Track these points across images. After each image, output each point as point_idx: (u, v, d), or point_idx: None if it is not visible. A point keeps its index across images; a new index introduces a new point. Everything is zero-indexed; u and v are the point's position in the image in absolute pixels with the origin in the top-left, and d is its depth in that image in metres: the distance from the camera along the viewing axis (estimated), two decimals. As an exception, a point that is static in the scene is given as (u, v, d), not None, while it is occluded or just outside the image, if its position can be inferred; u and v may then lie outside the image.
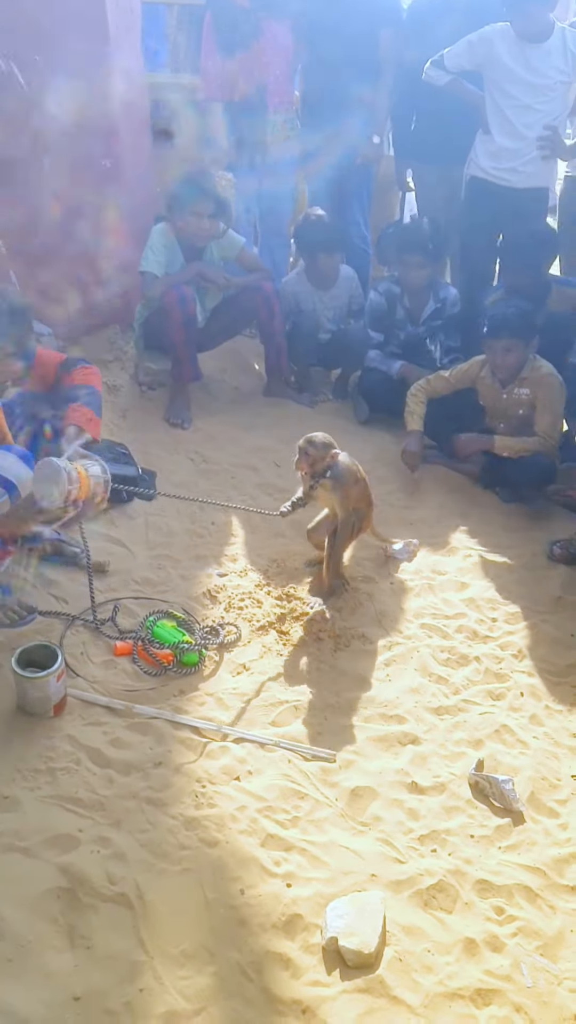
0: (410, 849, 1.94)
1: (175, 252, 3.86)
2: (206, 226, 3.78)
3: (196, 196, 3.71)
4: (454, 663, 2.58)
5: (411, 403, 3.67)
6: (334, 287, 4.26)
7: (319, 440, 2.66)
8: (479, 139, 3.99)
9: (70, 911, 1.70)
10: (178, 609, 2.64)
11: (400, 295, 4.10)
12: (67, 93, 3.69)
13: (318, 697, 2.37)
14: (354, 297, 4.32)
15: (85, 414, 2.54)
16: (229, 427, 3.95)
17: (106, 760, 2.06)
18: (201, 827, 1.92)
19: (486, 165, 3.98)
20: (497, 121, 3.88)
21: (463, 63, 3.86)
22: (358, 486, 2.76)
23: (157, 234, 3.83)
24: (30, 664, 2.13)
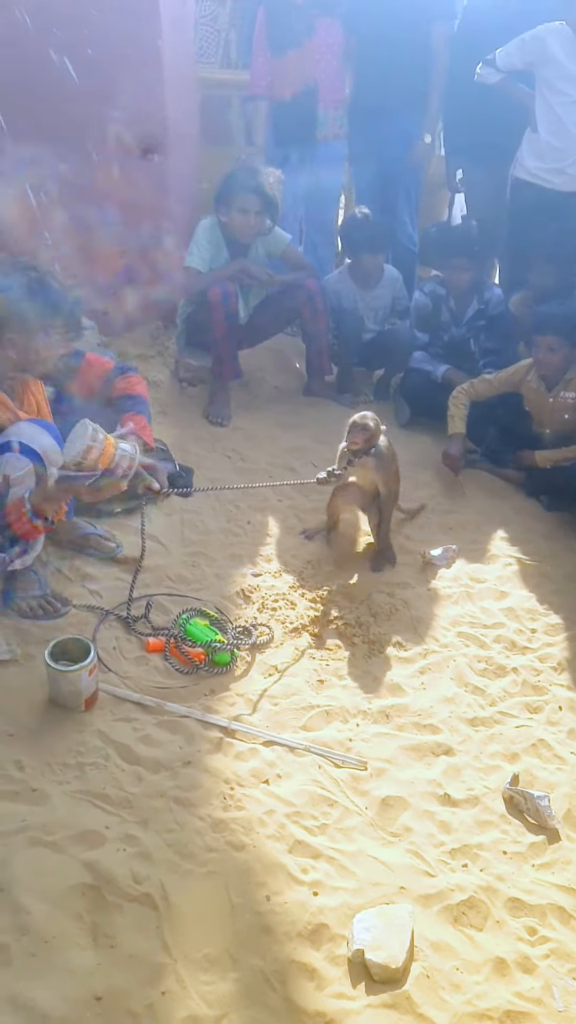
0: (440, 863, 1.90)
1: (220, 248, 3.84)
2: (252, 223, 3.76)
3: (243, 193, 3.69)
4: (491, 673, 2.52)
5: (453, 407, 3.61)
6: (377, 287, 4.22)
7: (373, 418, 2.83)
8: (526, 138, 3.93)
9: (95, 909, 1.68)
10: (211, 608, 2.62)
11: (445, 296, 4.05)
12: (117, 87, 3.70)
13: (350, 703, 2.33)
14: (398, 299, 4.28)
15: (139, 422, 2.57)
16: (268, 426, 3.93)
17: (135, 757, 2.04)
18: (228, 830, 1.89)
19: (531, 166, 3.91)
20: (545, 118, 3.82)
21: (515, 62, 3.82)
22: (395, 463, 2.95)
23: (203, 230, 3.82)
24: (63, 657, 2.12)
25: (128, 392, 2.63)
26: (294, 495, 3.34)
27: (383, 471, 2.86)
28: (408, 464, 3.68)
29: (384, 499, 2.92)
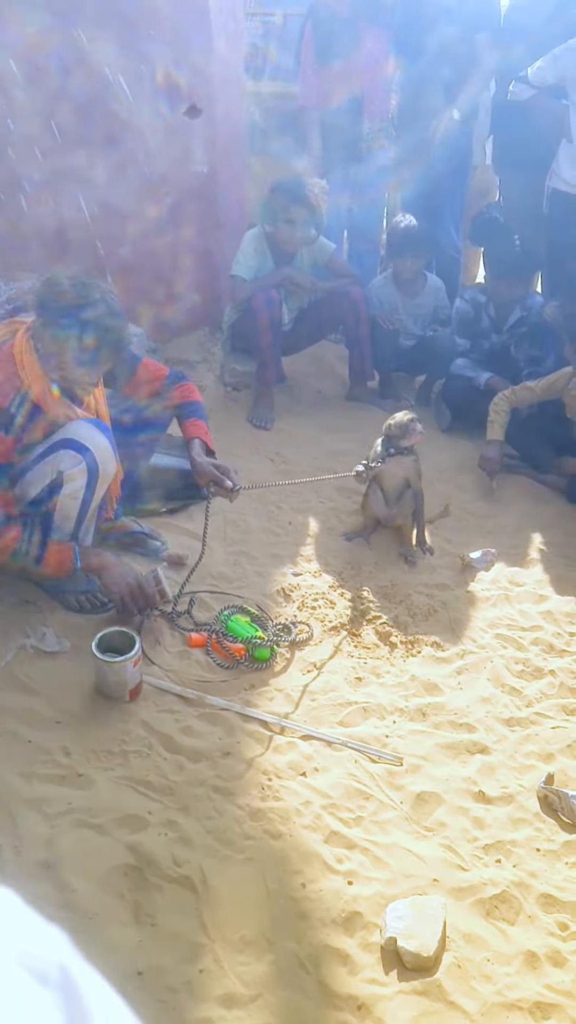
0: (474, 857, 1.93)
1: (266, 257, 3.92)
2: (298, 233, 3.83)
3: (289, 203, 3.76)
4: (528, 675, 2.54)
5: (494, 413, 3.63)
6: (420, 295, 4.25)
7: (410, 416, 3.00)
8: (562, 148, 3.95)
9: (137, 889, 1.75)
10: (252, 605, 2.69)
11: (485, 303, 4.08)
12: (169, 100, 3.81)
13: (387, 700, 2.37)
14: (440, 308, 4.29)
15: (203, 428, 2.71)
16: (310, 429, 3.99)
17: (177, 747, 2.11)
18: (266, 819, 1.95)
19: (568, 176, 3.92)
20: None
21: (547, 76, 3.85)
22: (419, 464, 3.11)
23: (249, 239, 3.91)
24: (109, 649, 2.20)
25: (188, 399, 2.73)
26: (336, 497, 3.39)
27: (413, 468, 3.03)
28: (449, 469, 3.72)
29: (418, 493, 3.06)
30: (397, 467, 2.99)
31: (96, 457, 2.35)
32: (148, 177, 3.88)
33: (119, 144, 3.73)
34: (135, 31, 3.64)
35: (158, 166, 3.90)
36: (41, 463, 2.34)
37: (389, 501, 3.05)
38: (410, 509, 3.05)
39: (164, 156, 3.90)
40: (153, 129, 3.81)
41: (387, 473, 3.01)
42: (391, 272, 4.28)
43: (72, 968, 0.38)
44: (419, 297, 4.25)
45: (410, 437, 2.97)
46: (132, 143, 3.77)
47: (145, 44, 3.67)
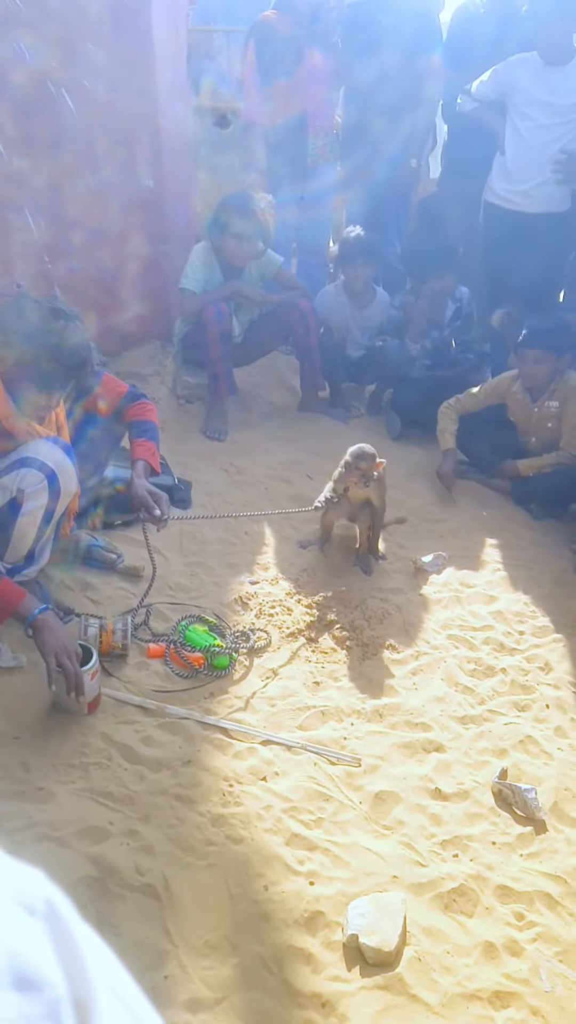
0: (432, 853, 1.98)
1: (214, 270, 3.96)
2: (246, 248, 3.88)
3: (236, 218, 3.81)
4: (480, 674, 2.61)
5: (443, 421, 3.72)
6: (369, 307, 4.31)
7: (369, 452, 2.92)
8: (496, 161, 4.07)
9: (100, 899, 1.76)
10: (210, 614, 2.71)
11: (416, 303, 4.19)
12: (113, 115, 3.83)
13: (345, 703, 2.41)
14: (389, 321, 4.35)
15: (150, 449, 2.70)
16: (264, 440, 4.03)
17: (137, 757, 2.12)
18: (227, 824, 1.97)
19: (499, 188, 4.05)
20: (513, 143, 3.95)
21: (488, 91, 3.97)
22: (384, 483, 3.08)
23: (197, 253, 3.94)
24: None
25: (140, 418, 2.74)
26: (290, 505, 3.42)
27: (377, 489, 3.02)
28: (400, 475, 3.78)
29: (378, 509, 3.06)
30: (359, 490, 2.98)
31: (58, 476, 2.35)
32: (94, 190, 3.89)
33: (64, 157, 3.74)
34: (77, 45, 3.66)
35: (104, 179, 3.91)
36: (1, 480, 2.34)
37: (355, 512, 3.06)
38: (367, 523, 3.06)
39: (110, 170, 3.92)
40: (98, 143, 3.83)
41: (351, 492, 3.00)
42: (342, 282, 4.35)
43: (57, 902, 0.43)
44: (368, 309, 4.32)
45: (346, 476, 2.93)
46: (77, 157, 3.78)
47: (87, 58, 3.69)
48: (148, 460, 2.68)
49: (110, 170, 3.93)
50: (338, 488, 2.98)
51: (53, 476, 2.33)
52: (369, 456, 2.92)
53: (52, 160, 3.72)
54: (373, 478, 2.95)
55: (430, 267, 4.11)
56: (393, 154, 4.41)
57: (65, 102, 3.64)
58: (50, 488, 2.34)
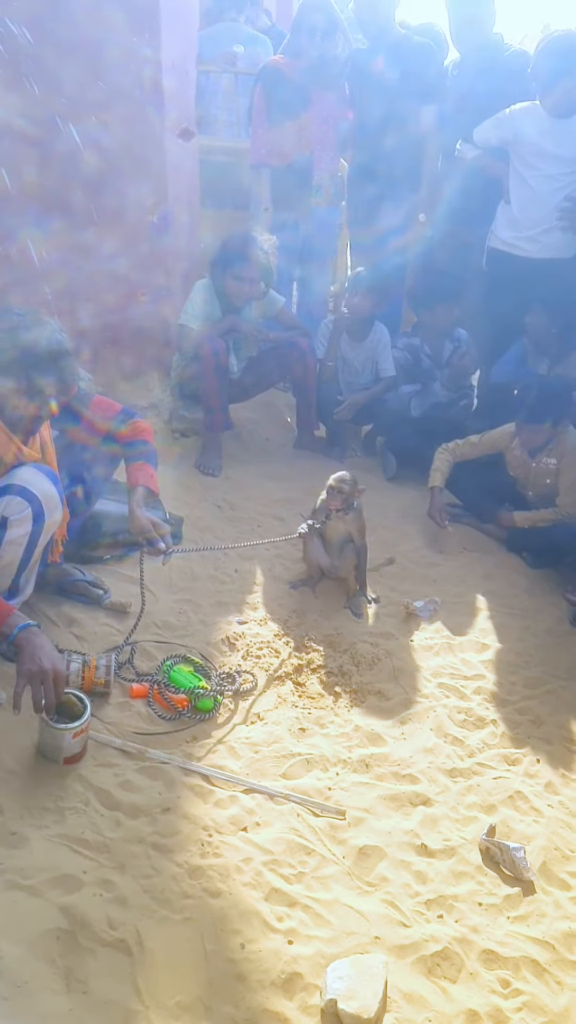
0: (416, 913, 1.91)
1: (214, 308, 3.97)
2: (247, 289, 3.90)
3: (239, 260, 3.84)
4: (471, 725, 2.55)
5: (437, 461, 3.70)
6: (366, 340, 4.31)
7: (350, 478, 3.00)
8: (500, 210, 4.10)
9: (69, 953, 1.68)
10: (196, 654, 2.66)
11: (420, 344, 4.23)
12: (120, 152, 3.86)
13: (331, 752, 2.35)
14: (380, 359, 4.32)
15: (148, 472, 2.68)
16: (258, 477, 4.00)
17: (115, 802, 2.05)
18: (205, 876, 1.90)
19: (505, 235, 4.08)
20: (519, 190, 3.98)
21: (490, 138, 4.02)
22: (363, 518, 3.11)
23: (198, 289, 3.96)
24: (61, 711, 2.13)
25: (137, 438, 2.72)
26: (281, 545, 3.38)
27: (355, 524, 3.05)
28: (393, 517, 3.76)
29: (362, 548, 3.08)
30: (339, 522, 3.02)
31: (42, 503, 2.32)
32: (98, 224, 3.91)
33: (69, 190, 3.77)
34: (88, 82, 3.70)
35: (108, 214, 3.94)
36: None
37: (332, 553, 3.07)
38: (352, 563, 3.07)
39: (114, 205, 3.95)
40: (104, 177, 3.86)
41: (330, 527, 3.03)
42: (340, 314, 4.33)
43: None
44: (365, 341, 4.31)
45: (328, 499, 2.99)
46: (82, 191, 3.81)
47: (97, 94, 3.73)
48: (147, 485, 2.65)
49: (114, 205, 3.96)
50: (319, 516, 3.02)
51: (38, 504, 2.30)
52: (350, 481, 2.98)
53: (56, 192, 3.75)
54: (354, 505, 3.01)
55: (435, 299, 4.12)
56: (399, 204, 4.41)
57: (72, 137, 3.67)
58: (34, 516, 2.30)
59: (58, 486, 2.40)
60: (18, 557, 2.36)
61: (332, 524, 3.02)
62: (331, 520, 3.01)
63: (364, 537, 3.09)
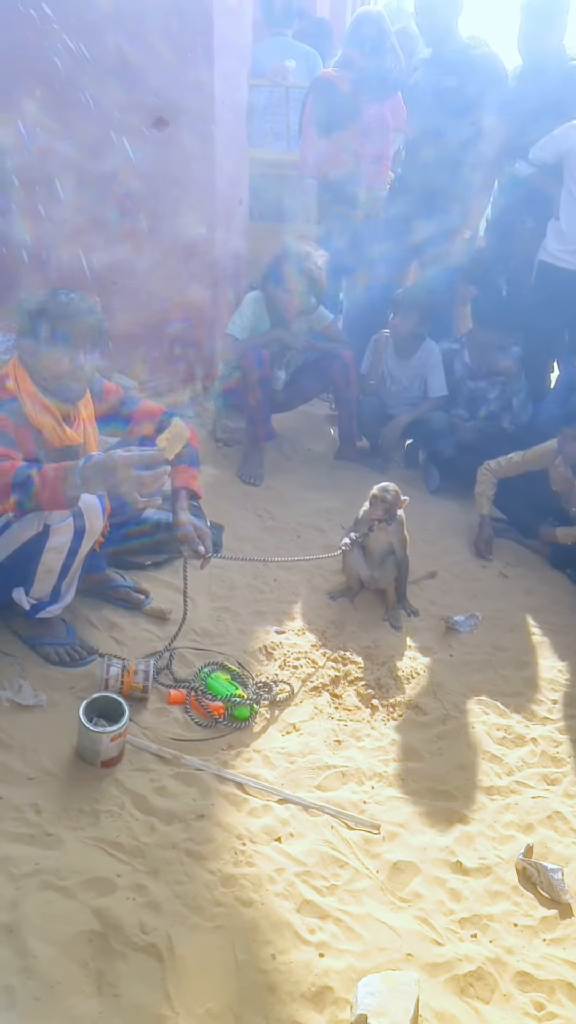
0: (449, 931, 1.88)
1: (263, 320, 4.00)
2: (297, 302, 3.92)
3: (289, 273, 3.86)
4: (509, 743, 2.52)
5: (481, 485, 3.67)
6: (413, 357, 4.29)
7: (394, 488, 2.98)
8: (550, 225, 4.07)
9: (100, 956, 1.70)
10: (233, 662, 2.66)
11: (459, 350, 4.20)
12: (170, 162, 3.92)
13: (366, 765, 2.34)
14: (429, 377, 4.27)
15: (191, 474, 2.70)
16: (299, 487, 4.01)
17: (150, 807, 2.07)
18: (238, 885, 1.90)
19: (553, 248, 4.04)
20: (568, 204, 3.94)
21: (546, 156, 3.98)
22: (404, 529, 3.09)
23: (248, 302, 4.00)
24: (101, 714, 2.16)
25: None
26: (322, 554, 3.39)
27: (397, 535, 3.03)
28: (435, 530, 3.74)
29: (401, 560, 3.06)
30: (381, 533, 3.01)
31: (84, 513, 2.35)
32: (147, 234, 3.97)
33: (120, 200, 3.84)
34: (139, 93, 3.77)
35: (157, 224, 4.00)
36: (30, 513, 2.34)
37: (372, 564, 3.06)
38: (392, 575, 3.05)
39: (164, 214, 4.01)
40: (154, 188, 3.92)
41: (371, 538, 3.02)
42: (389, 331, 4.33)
43: None
44: (412, 359, 4.29)
45: (370, 509, 2.98)
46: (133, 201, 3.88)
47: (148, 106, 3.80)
48: (190, 487, 2.68)
49: (163, 214, 4.02)
50: (361, 528, 3.01)
51: (79, 513, 2.33)
52: (393, 491, 2.97)
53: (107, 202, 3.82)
54: (396, 517, 2.99)
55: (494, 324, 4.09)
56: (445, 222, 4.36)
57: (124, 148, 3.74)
58: (75, 525, 2.34)
59: (101, 497, 2.43)
60: (59, 564, 2.40)
61: (374, 535, 3.01)
62: (373, 532, 3.00)
63: (405, 549, 3.07)
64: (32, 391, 2.35)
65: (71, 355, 2.35)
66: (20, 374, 2.36)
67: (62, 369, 2.35)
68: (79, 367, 2.38)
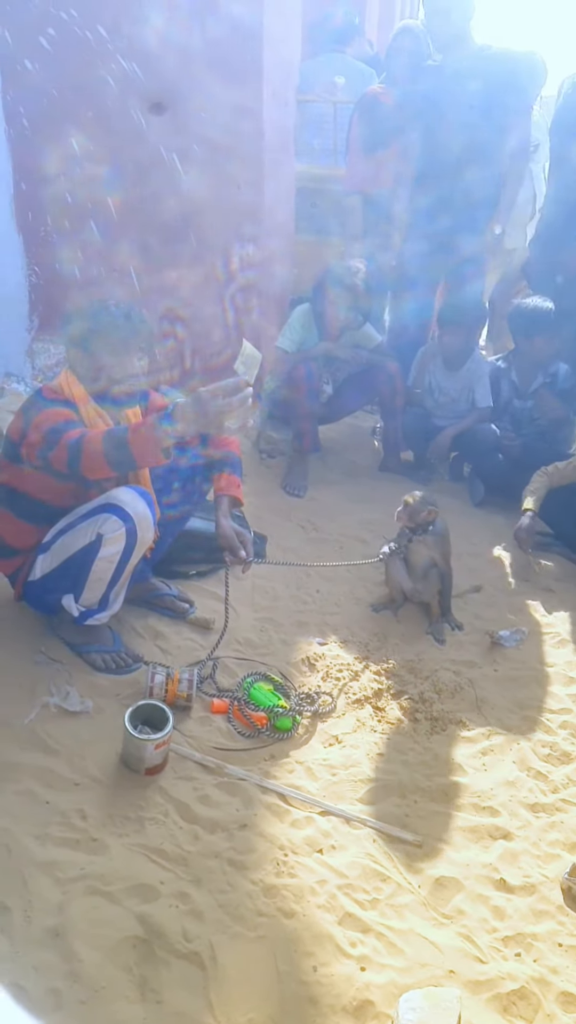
0: (492, 949, 1.86)
1: (311, 333, 4.04)
2: (344, 318, 3.94)
3: (337, 289, 3.89)
4: (555, 760, 2.48)
5: (534, 483, 3.56)
6: (461, 369, 4.26)
7: (420, 495, 2.98)
8: None
9: (144, 962, 1.71)
10: (276, 673, 2.68)
11: (506, 369, 4.16)
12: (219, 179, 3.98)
13: (409, 779, 2.33)
14: (476, 388, 4.23)
15: (234, 482, 2.75)
16: (342, 499, 4.02)
17: (193, 816, 2.09)
18: (280, 896, 1.90)
19: None
20: None
21: None
22: (448, 542, 3.07)
23: (297, 315, 4.04)
24: (146, 722, 2.20)
25: (223, 449, 2.78)
26: (363, 566, 3.39)
27: (440, 548, 3.02)
28: (480, 543, 3.71)
29: (446, 575, 3.05)
30: (422, 545, 3.00)
31: (136, 524, 2.40)
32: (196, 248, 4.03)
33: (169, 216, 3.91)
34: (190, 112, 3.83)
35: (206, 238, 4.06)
36: (84, 523, 2.40)
37: (415, 577, 3.05)
38: (435, 587, 3.04)
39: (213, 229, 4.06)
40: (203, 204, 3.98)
41: (413, 550, 3.01)
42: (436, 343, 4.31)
43: None
44: (461, 371, 4.26)
45: (399, 515, 2.97)
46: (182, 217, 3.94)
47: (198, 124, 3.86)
48: (233, 494, 2.72)
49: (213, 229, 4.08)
50: (402, 539, 3.01)
51: (132, 525, 2.37)
52: (422, 500, 2.96)
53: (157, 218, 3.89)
54: (431, 528, 2.98)
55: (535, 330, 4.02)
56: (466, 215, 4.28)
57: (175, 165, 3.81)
58: (127, 536, 2.37)
59: (152, 509, 2.47)
60: (109, 574, 2.44)
61: (416, 548, 3.00)
62: (413, 543, 2.99)
63: (449, 562, 3.06)
64: (85, 399, 2.41)
65: (123, 362, 2.42)
66: (72, 382, 2.42)
67: (115, 376, 2.42)
68: (131, 375, 2.44)
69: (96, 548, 2.37)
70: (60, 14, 3.73)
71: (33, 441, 2.28)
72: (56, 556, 2.44)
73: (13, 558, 2.55)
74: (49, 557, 2.47)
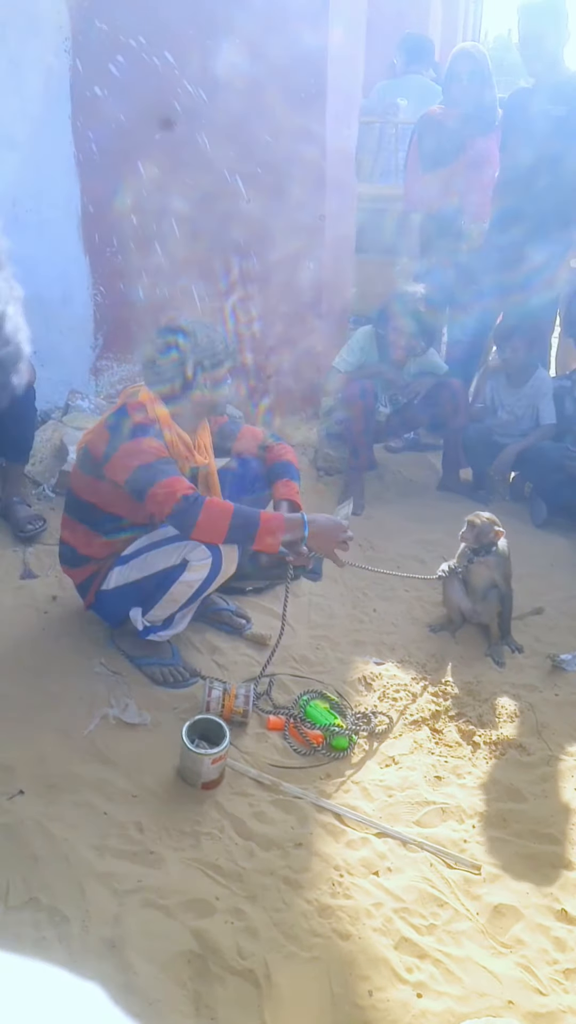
0: (553, 981, 1.81)
1: (371, 355, 4.05)
2: (406, 344, 3.95)
3: (402, 315, 3.90)
4: (618, 788, 2.42)
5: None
6: (524, 386, 4.20)
7: (486, 515, 2.97)
8: None
9: (199, 977, 1.72)
10: (332, 691, 2.67)
11: (571, 388, 4.10)
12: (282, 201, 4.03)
13: (467, 803, 2.29)
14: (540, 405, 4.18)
15: (293, 488, 2.79)
16: (400, 517, 3.99)
17: (249, 832, 2.09)
18: (335, 917, 1.89)
19: None
20: None
21: None
22: (509, 564, 3.04)
23: (358, 336, 4.07)
24: (204, 736, 2.22)
25: (281, 459, 2.83)
26: (422, 586, 3.36)
27: (500, 569, 2.99)
28: (542, 565, 3.64)
29: (504, 594, 3.01)
30: (483, 566, 2.96)
31: (223, 558, 2.44)
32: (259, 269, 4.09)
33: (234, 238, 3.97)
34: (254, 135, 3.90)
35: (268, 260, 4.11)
36: (171, 545, 2.45)
37: (474, 598, 3.01)
38: (495, 609, 2.99)
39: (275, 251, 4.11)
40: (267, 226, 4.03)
41: (473, 571, 2.98)
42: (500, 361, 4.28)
43: None
44: (524, 387, 4.20)
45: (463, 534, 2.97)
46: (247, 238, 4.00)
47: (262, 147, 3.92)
48: (292, 499, 2.75)
49: (275, 251, 4.13)
50: (462, 560, 2.98)
51: (218, 557, 2.42)
52: (486, 519, 2.95)
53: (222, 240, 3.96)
54: (493, 549, 2.95)
55: None
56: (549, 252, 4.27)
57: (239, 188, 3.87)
58: (212, 567, 2.43)
59: None
60: (185, 597, 2.49)
61: (476, 569, 2.97)
62: (474, 563, 2.96)
63: (509, 583, 3.01)
64: (168, 421, 2.46)
65: (216, 385, 2.51)
66: (154, 401, 2.46)
67: (207, 399, 2.48)
68: (221, 397, 2.54)
69: (180, 571, 2.42)
70: (129, 41, 3.83)
71: (121, 467, 2.35)
72: (136, 570, 2.50)
73: (85, 566, 2.61)
74: (128, 570, 2.52)
